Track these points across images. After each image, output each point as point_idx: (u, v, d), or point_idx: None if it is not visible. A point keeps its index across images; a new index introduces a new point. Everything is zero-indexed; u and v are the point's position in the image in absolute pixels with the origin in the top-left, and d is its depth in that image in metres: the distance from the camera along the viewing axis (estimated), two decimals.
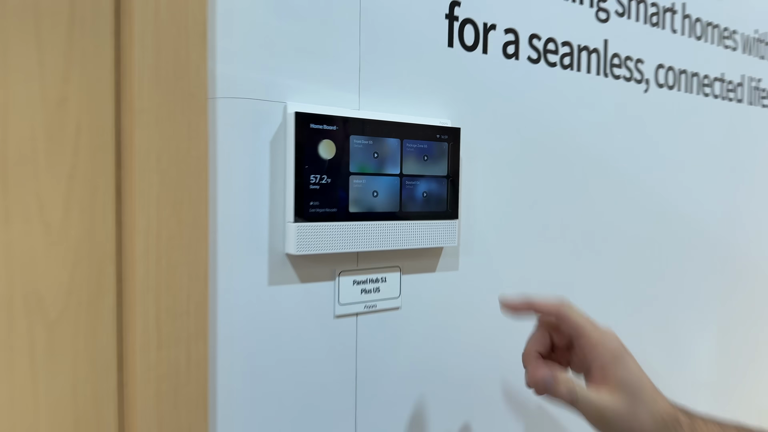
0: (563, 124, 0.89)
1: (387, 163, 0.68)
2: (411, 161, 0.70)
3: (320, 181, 0.63)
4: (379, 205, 0.68)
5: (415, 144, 0.70)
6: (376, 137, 0.67)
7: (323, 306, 0.67)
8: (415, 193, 0.70)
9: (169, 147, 0.55)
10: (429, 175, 0.71)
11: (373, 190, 0.67)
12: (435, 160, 0.72)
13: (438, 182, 0.72)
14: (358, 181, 0.66)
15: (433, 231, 0.72)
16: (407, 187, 0.70)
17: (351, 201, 0.65)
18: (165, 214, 0.55)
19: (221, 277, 0.60)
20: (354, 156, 0.65)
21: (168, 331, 0.56)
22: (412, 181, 0.70)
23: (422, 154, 0.71)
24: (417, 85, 0.73)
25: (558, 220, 0.89)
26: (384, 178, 0.68)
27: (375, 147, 0.67)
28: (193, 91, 0.57)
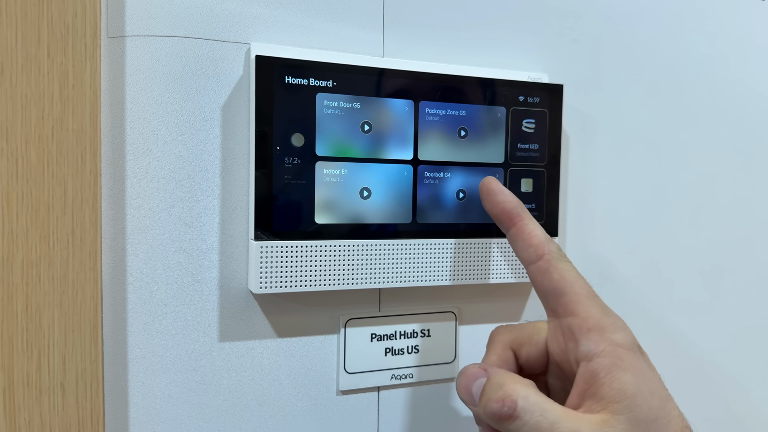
0: (756, 85, 0.55)
1: (435, 142, 0.41)
2: (477, 142, 0.42)
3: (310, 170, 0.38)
4: (425, 211, 0.41)
5: (488, 113, 0.42)
6: (416, 101, 0.40)
7: (318, 376, 0.41)
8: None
9: (26, 114, 0.33)
10: (499, 164, 0.43)
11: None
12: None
13: (528, 175, 0.44)
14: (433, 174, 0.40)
15: (513, 255, 0.43)
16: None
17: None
18: (20, 225, 0.33)
19: (132, 330, 0.37)
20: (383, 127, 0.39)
21: (28, 418, 0.34)
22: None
23: (497, 129, 0.43)
24: (486, 17, 0.44)
25: (741, 240, 0.56)
26: (430, 167, 0.41)
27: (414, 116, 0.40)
28: (71, 21, 0.34)
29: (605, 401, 0.31)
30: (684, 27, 0.52)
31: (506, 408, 0.31)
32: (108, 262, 0.36)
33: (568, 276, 0.34)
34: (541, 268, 0.35)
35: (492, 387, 0.33)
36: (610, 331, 0.33)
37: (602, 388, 0.31)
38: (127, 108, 0.36)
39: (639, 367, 0.32)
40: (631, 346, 0.33)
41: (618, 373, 0.31)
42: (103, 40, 0.36)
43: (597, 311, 0.33)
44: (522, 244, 0.36)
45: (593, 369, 0.32)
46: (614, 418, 0.30)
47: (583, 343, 0.33)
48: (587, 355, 0.32)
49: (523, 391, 0.32)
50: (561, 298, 0.34)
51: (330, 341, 0.41)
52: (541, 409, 0.31)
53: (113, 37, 0.36)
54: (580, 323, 0.33)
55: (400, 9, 0.42)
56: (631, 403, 0.30)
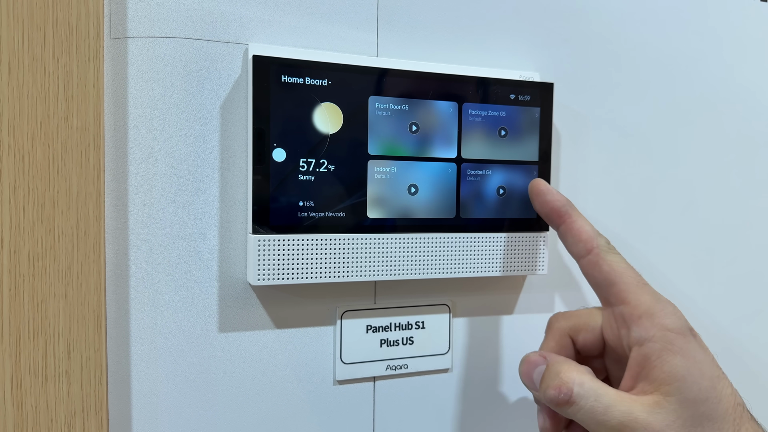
0: (745, 82, 0.56)
1: (434, 140, 0.42)
2: (477, 138, 0.43)
3: (314, 168, 0.39)
4: (421, 207, 0.42)
5: (483, 110, 0.43)
6: (412, 99, 0.41)
7: (314, 366, 0.42)
8: (485, 188, 0.44)
9: (32, 112, 0.34)
10: (503, 159, 0.44)
11: (410, 185, 0.42)
12: (513, 138, 0.44)
13: (519, 172, 0.45)
14: (383, 169, 0.41)
15: (507, 250, 0.45)
16: (470, 180, 0.43)
17: (371, 202, 0.41)
18: (26, 219, 0.35)
19: (134, 320, 0.38)
20: (375, 127, 0.40)
21: (34, 404, 0.35)
22: (477, 169, 0.43)
23: (496, 126, 0.44)
24: (478, 18, 0.46)
25: (730, 235, 0.57)
26: (429, 164, 0.42)
27: (413, 115, 0.41)
28: (75, 23, 0.35)
29: (657, 383, 0.33)
30: (672, 26, 0.53)
31: (563, 395, 0.34)
32: (111, 254, 0.38)
33: (617, 267, 0.36)
34: (591, 261, 0.37)
35: (550, 374, 0.35)
36: (660, 317, 0.34)
37: (654, 371, 0.33)
38: (129, 106, 0.37)
39: (689, 350, 0.33)
40: (682, 330, 0.34)
41: (668, 357, 0.33)
42: (106, 41, 0.37)
43: (647, 298, 0.35)
44: (572, 239, 0.38)
45: (645, 353, 0.34)
46: (666, 400, 0.32)
47: (634, 329, 0.35)
48: (639, 340, 0.34)
49: (579, 377, 0.34)
50: (612, 288, 0.36)
51: (326, 332, 0.43)
52: (596, 394, 0.33)
53: (116, 38, 0.37)
54: (631, 311, 0.35)
55: (394, 10, 0.43)
56: (682, 385, 0.32)
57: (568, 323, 0.39)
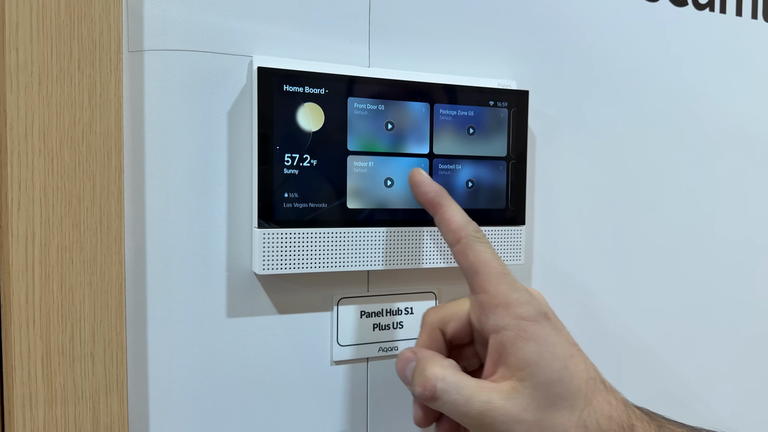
0: (704, 88, 0.61)
1: (409, 137, 0.46)
2: (447, 135, 0.48)
3: (299, 163, 0.43)
4: (397, 199, 0.46)
5: (453, 110, 0.48)
6: (389, 101, 0.46)
7: (313, 348, 0.47)
8: (455, 182, 0.48)
9: (60, 119, 0.38)
10: (477, 155, 0.49)
11: (385, 178, 0.46)
12: (487, 135, 0.49)
13: (492, 167, 0.49)
14: (361, 164, 0.45)
15: None
16: (441, 173, 0.48)
17: (350, 193, 0.45)
18: (55, 214, 0.38)
19: (151, 306, 0.42)
20: (354, 126, 0.45)
21: (63, 382, 0.39)
22: (448, 164, 0.48)
23: (466, 124, 0.48)
24: (460, 31, 0.50)
25: (693, 227, 0.62)
26: (404, 159, 0.46)
27: (389, 114, 0.46)
28: (98, 38, 0.39)
29: (512, 369, 0.35)
30: (639, 38, 0.58)
31: (427, 391, 0.35)
32: (130, 247, 0.42)
33: (482, 257, 0.37)
34: (459, 250, 0.38)
35: (418, 371, 0.37)
36: (515, 306, 0.36)
37: (509, 357, 0.35)
38: (145, 113, 0.41)
39: (542, 335, 0.35)
40: (535, 317, 0.36)
41: (521, 344, 0.35)
42: (124, 54, 0.41)
43: (504, 288, 0.36)
44: (444, 228, 0.39)
45: (501, 340, 0.36)
46: (521, 385, 0.34)
47: (491, 317, 0.36)
48: (495, 328, 0.36)
49: (442, 372, 0.36)
50: (475, 276, 0.37)
51: (324, 317, 0.47)
52: (457, 387, 0.35)
53: (133, 52, 0.41)
54: (489, 300, 0.36)
55: (385, 25, 0.47)
56: (535, 370, 0.34)
57: (437, 316, 0.40)
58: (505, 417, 0.34)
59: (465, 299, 0.41)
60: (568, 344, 0.36)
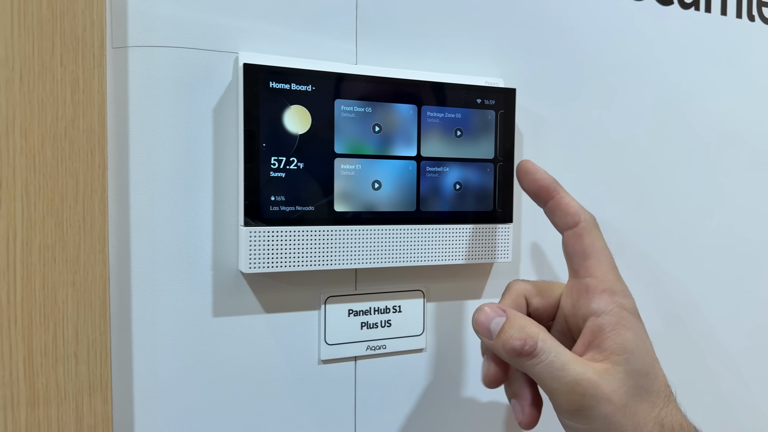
0: (689, 87, 0.62)
1: (396, 140, 0.46)
2: (434, 137, 0.47)
3: (286, 165, 0.43)
4: (384, 201, 0.46)
5: (441, 112, 0.48)
6: (376, 102, 0.45)
7: (301, 347, 0.46)
8: (442, 183, 0.48)
9: (42, 116, 0.38)
10: (465, 158, 0.49)
11: (373, 180, 0.46)
12: (474, 136, 0.49)
13: (480, 168, 0.49)
14: (348, 166, 0.45)
15: (475, 240, 0.49)
16: (429, 176, 0.47)
17: (337, 196, 0.44)
18: (37, 213, 0.38)
19: (136, 305, 0.41)
20: (341, 129, 0.44)
21: (45, 383, 0.39)
22: (436, 166, 0.48)
23: (453, 127, 0.48)
24: (448, 28, 0.50)
25: (680, 224, 0.62)
26: (391, 162, 0.46)
27: (376, 116, 0.46)
28: (81, 34, 0.39)
29: (608, 353, 0.36)
30: (625, 36, 0.58)
31: (528, 346, 0.36)
32: (114, 245, 0.41)
33: (597, 243, 0.39)
34: (576, 233, 0.39)
35: (513, 327, 0.37)
36: (620, 296, 0.38)
37: (606, 341, 0.36)
38: (129, 110, 0.41)
39: (639, 328, 0.37)
40: (634, 311, 0.38)
41: (621, 331, 0.36)
42: (108, 51, 0.40)
43: (613, 277, 0.38)
44: (560, 213, 0.40)
45: (600, 324, 0.37)
46: (614, 368, 0.35)
47: (595, 300, 0.38)
48: (597, 311, 0.37)
49: (543, 334, 0.36)
50: (586, 260, 0.39)
51: (312, 316, 0.46)
52: (556, 351, 0.36)
53: (117, 48, 0.41)
54: (596, 284, 0.38)
55: (372, 22, 0.47)
56: (630, 357, 0.36)
57: (526, 285, 0.42)
58: (596, 391, 0.35)
59: (554, 282, 0.42)
60: (653, 349, 0.38)
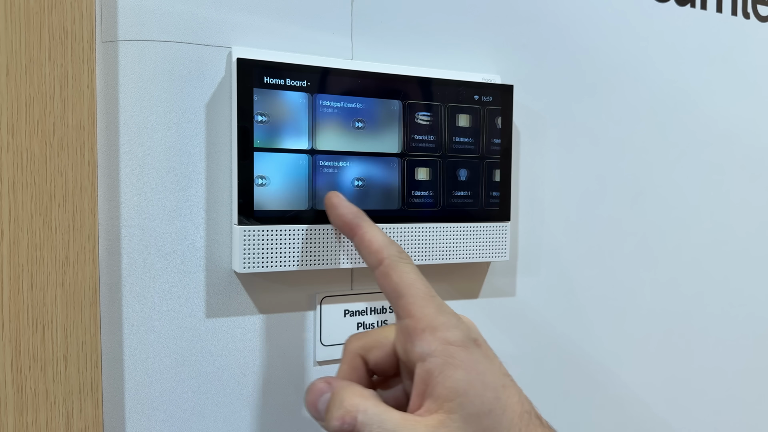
0: (686, 84, 0.61)
1: (384, 136, 0.45)
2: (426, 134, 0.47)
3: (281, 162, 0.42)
4: (375, 198, 0.45)
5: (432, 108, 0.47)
6: (367, 98, 0.45)
7: (296, 348, 0.45)
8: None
9: (29, 112, 0.37)
10: (460, 155, 0.48)
11: (354, 178, 0.45)
12: (471, 134, 0.48)
13: (476, 165, 0.49)
14: (330, 163, 0.44)
15: (472, 238, 0.48)
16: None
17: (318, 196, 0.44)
18: (25, 211, 0.37)
19: (127, 307, 0.40)
20: (324, 126, 0.44)
21: (34, 387, 0.38)
22: (419, 164, 0.47)
23: (449, 122, 0.47)
24: (445, 24, 0.49)
25: (676, 222, 0.62)
26: (376, 159, 0.45)
27: (362, 113, 0.45)
28: (70, 27, 0.38)
29: (440, 400, 0.32)
30: (621, 33, 0.57)
31: (346, 425, 0.32)
32: (104, 245, 0.40)
33: (406, 278, 0.35)
34: (382, 272, 0.35)
35: (335, 403, 0.33)
36: (442, 330, 0.33)
37: (437, 387, 0.32)
38: (120, 106, 0.40)
39: (471, 361, 0.32)
40: (464, 342, 0.33)
41: (450, 372, 0.32)
42: (98, 45, 0.39)
43: (431, 311, 0.34)
44: (364, 251, 0.36)
45: (428, 369, 0.32)
46: (449, 417, 0.31)
47: (417, 343, 0.33)
48: (421, 355, 0.33)
49: (363, 404, 0.32)
50: (399, 300, 0.34)
51: (307, 317, 0.46)
52: (380, 420, 0.31)
53: (107, 42, 0.39)
54: (415, 324, 0.33)
55: (367, 17, 0.46)
56: (464, 400, 0.31)
57: (359, 343, 0.37)
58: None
59: (390, 327, 0.38)
60: (500, 374, 0.33)
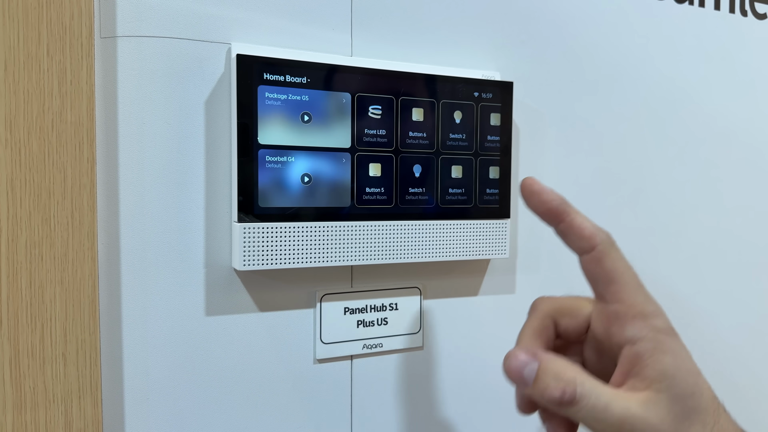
0: (684, 81, 0.62)
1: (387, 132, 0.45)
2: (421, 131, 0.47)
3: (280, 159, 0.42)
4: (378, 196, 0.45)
5: (436, 105, 0.47)
6: (369, 95, 0.44)
7: (296, 346, 0.45)
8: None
9: (28, 108, 0.36)
10: (458, 153, 0.48)
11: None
12: (471, 131, 0.48)
13: (470, 163, 0.48)
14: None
15: (472, 236, 0.48)
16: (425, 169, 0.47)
17: None
18: (23, 209, 0.36)
19: (126, 304, 0.40)
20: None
21: (33, 385, 0.37)
22: (417, 162, 0.47)
23: (449, 120, 0.47)
24: (444, 21, 0.49)
25: (674, 219, 0.62)
26: (379, 156, 0.45)
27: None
28: (68, 23, 0.37)
29: (649, 381, 0.35)
30: (620, 31, 0.57)
31: (567, 395, 0.34)
32: (103, 242, 0.40)
33: (618, 266, 0.37)
34: (594, 257, 0.37)
35: (548, 374, 0.35)
36: (651, 318, 0.36)
37: (645, 369, 0.35)
38: (119, 102, 0.39)
39: (676, 349, 0.35)
40: (669, 331, 0.36)
41: (659, 356, 0.35)
42: (96, 40, 0.39)
43: (641, 299, 0.36)
44: (573, 237, 0.38)
45: (637, 352, 0.35)
46: (658, 396, 0.34)
47: (628, 328, 0.36)
48: (632, 339, 0.35)
49: (580, 377, 0.35)
50: (611, 286, 0.37)
51: (307, 315, 0.45)
52: (596, 393, 0.34)
53: (106, 38, 0.39)
54: (626, 310, 0.36)
55: (367, 13, 0.46)
56: (672, 383, 0.34)
57: (553, 305, 0.40)
58: (645, 425, 0.33)
59: (581, 299, 0.40)
60: (694, 362, 0.36)
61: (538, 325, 0.40)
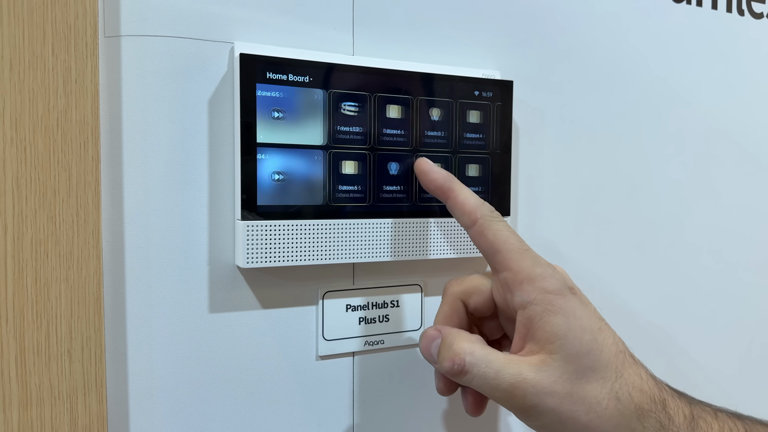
0: (683, 81, 0.62)
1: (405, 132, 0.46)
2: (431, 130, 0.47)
3: None
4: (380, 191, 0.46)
5: (438, 104, 0.47)
6: (373, 94, 0.45)
7: (298, 343, 0.46)
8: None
9: (33, 106, 0.37)
10: (462, 151, 0.48)
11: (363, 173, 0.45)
12: (473, 130, 0.48)
13: (478, 161, 0.49)
14: None
15: None
16: None
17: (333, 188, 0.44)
18: (29, 206, 0.37)
19: (130, 302, 0.40)
20: (333, 120, 0.44)
21: (38, 382, 0.38)
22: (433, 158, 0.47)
23: (453, 119, 0.48)
24: (445, 20, 0.49)
25: (672, 218, 0.62)
26: (398, 154, 0.46)
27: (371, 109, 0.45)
28: (73, 22, 0.37)
29: (541, 343, 0.35)
30: (620, 29, 0.58)
31: (456, 365, 0.36)
32: (108, 240, 0.40)
33: (500, 235, 0.38)
34: (477, 231, 0.38)
35: (444, 347, 0.37)
36: (539, 281, 0.36)
37: (537, 331, 0.36)
38: (123, 101, 0.40)
39: (569, 308, 0.36)
40: (561, 290, 0.36)
41: (549, 317, 0.35)
42: (101, 40, 0.39)
43: (527, 264, 0.37)
44: (458, 212, 0.39)
45: (528, 315, 0.36)
46: (551, 357, 0.35)
47: (517, 294, 0.37)
48: (522, 304, 0.36)
49: (470, 347, 0.36)
50: (496, 255, 0.38)
51: (309, 312, 0.46)
52: (486, 361, 0.35)
53: (110, 37, 0.39)
54: (513, 276, 0.37)
55: (368, 13, 0.46)
56: (564, 342, 0.35)
57: (459, 288, 0.41)
58: (536, 389, 0.34)
59: (486, 274, 0.41)
60: (596, 318, 0.36)
61: (448, 308, 0.41)
